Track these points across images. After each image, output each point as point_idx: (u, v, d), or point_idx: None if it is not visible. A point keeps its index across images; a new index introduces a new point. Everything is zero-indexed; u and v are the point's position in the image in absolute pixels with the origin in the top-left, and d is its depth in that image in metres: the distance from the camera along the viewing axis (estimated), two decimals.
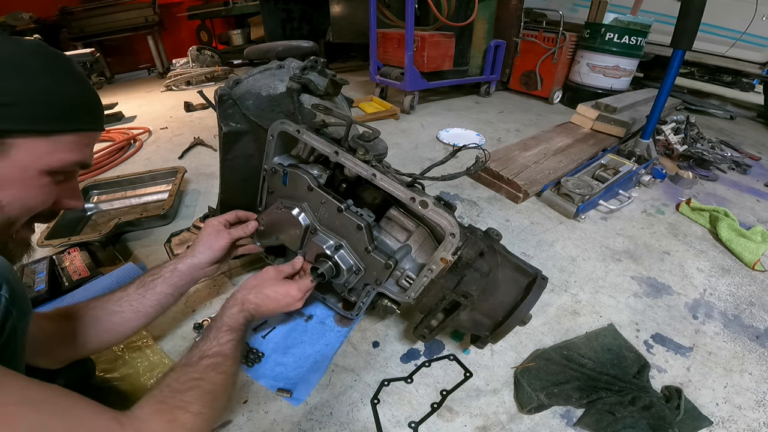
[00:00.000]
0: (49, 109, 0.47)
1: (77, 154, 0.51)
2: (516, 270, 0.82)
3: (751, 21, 3.03)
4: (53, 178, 0.50)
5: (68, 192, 0.55)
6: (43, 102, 0.46)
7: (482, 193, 1.69)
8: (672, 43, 1.60)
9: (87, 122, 0.52)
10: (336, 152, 0.77)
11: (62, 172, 0.51)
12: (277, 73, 0.93)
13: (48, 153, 0.48)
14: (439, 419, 0.79)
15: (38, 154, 0.47)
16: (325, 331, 0.97)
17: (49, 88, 0.47)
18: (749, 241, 1.32)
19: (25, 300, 0.48)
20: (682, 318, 1.07)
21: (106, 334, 0.70)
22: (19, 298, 0.46)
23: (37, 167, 0.47)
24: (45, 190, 0.50)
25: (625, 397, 0.81)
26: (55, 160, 0.49)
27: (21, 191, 0.47)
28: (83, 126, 0.51)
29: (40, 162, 0.47)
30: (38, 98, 0.46)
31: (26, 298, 0.48)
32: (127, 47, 4.72)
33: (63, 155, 0.49)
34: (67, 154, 0.50)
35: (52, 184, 0.51)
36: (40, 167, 0.48)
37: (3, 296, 0.44)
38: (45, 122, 0.46)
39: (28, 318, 0.48)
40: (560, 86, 3.16)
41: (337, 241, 0.83)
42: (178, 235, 1.30)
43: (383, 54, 2.80)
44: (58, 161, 0.49)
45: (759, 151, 2.41)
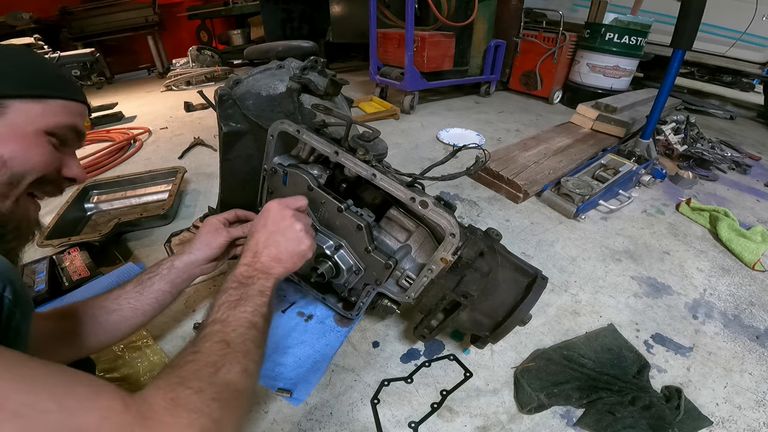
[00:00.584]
0: (35, 78, 0.53)
1: (69, 118, 0.56)
2: (516, 270, 0.83)
3: (751, 21, 3.03)
4: (51, 139, 0.54)
5: (69, 161, 0.59)
6: (27, 73, 0.53)
7: (482, 193, 1.69)
8: (672, 43, 1.60)
9: (70, 92, 0.57)
10: (336, 152, 0.77)
11: (59, 135, 0.55)
12: (277, 73, 0.93)
13: (41, 114, 0.53)
14: (439, 419, 0.79)
15: (33, 115, 0.52)
16: (325, 331, 0.97)
17: (29, 63, 0.54)
18: (749, 241, 1.32)
19: (28, 301, 0.48)
20: (682, 318, 1.07)
21: (105, 334, 0.70)
22: (22, 299, 0.46)
23: (34, 125, 0.52)
24: (46, 149, 0.54)
25: (625, 397, 0.81)
26: (50, 121, 0.54)
27: (21, 147, 0.51)
28: (68, 94, 0.56)
29: (36, 122, 0.52)
30: (23, 69, 0.53)
31: (29, 299, 0.48)
32: (127, 47, 4.72)
33: (56, 118, 0.54)
34: (60, 117, 0.55)
35: (50, 146, 0.54)
36: (37, 126, 0.52)
37: (7, 297, 0.44)
38: (33, 87, 0.52)
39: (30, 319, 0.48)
40: (560, 86, 3.16)
41: (337, 241, 0.83)
42: (178, 235, 1.30)
43: (383, 54, 2.81)
44: (53, 122, 0.54)
45: (759, 151, 2.41)
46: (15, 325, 0.45)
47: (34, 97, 0.52)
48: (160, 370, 0.48)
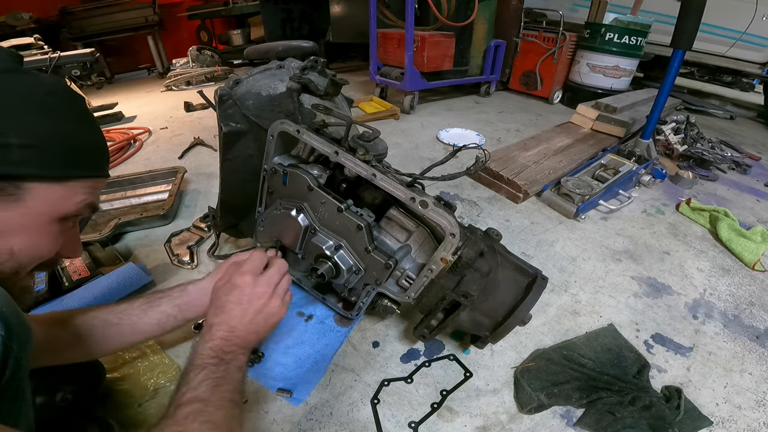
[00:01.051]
0: (67, 155, 0.45)
1: (89, 198, 0.50)
2: (516, 270, 0.83)
3: (751, 21, 3.03)
4: (63, 225, 0.49)
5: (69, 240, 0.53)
6: (62, 146, 0.44)
7: (482, 193, 1.69)
8: (672, 43, 1.60)
9: (101, 168, 0.52)
10: (336, 152, 0.77)
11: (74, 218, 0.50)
12: (277, 73, 0.93)
13: (62, 199, 0.46)
14: (439, 419, 0.79)
15: (54, 200, 0.45)
16: (325, 331, 0.97)
17: (69, 132, 0.45)
18: (749, 241, 1.32)
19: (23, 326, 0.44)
20: (682, 318, 1.07)
21: (97, 346, 0.67)
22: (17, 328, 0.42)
23: (51, 214, 0.46)
24: (54, 237, 0.48)
25: (625, 397, 0.81)
26: (70, 206, 0.47)
27: (33, 238, 0.46)
28: (97, 172, 0.51)
29: (55, 208, 0.46)
30: (58, 142, 0.44)
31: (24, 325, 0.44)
32: (127, 47, 4.72)
33: (76, 201, 0.48)
34: (80, 198, 0.48)
35: (60, 232, 0.49)
36: (55, 214, 0.46)
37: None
38: (62, 168, 0.45)
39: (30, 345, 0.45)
40: (560, 86, 3.16)
41: (336, 241, 0.83)
42: (178, 235, 1.30)
43: (383, 54, 2.80)
44: (73, 206, 0.48)
45: (759, 151, 2.41)
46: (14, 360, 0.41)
47: (60, 178, 0.45)
48: None
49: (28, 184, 0.42)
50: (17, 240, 0.44)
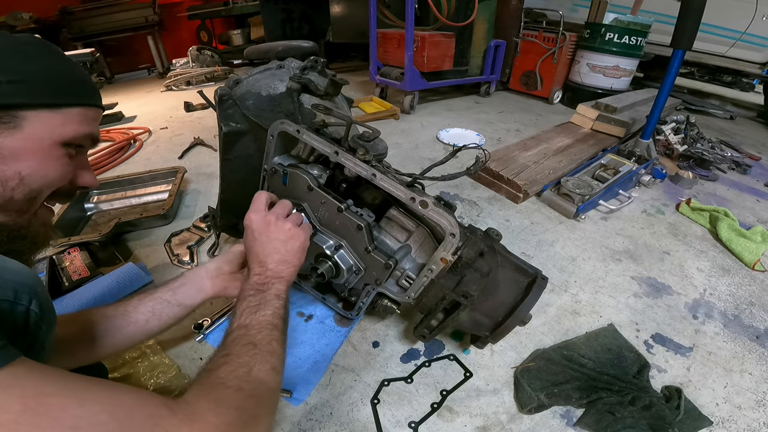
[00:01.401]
0: (54, 85, 0.49)
1: (87, 127, 0.53)
2: (516, 270, 0.83)
3: (751, 21, 3.03)
4: (67, 150, 0.52)
5: (82, 169, 0.57)
6: (47, 79, 0.49)
7: (482, 193, 1.69)
8: (672, 43, 1.60)
9: (89, 97, 0.55)
10: (336, 152, 0.77)
11: (75, 145, 0.53)
12: (277, 73, 0.93)
13: (60, 125, 0.50)
14: (439, 419, 0.79)
15: (51, 126, 0.49)
16: (325, 331, 0.97)
17: (51, 67, 0.50)
18: (749, 241, 1.32)
19: (52, 312, 0.47)
20: (682, 318, 1.07)
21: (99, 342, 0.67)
22: (48, 311, 0.45)
23: (51, 138, 0.49)
24: (62, 161, 0.51)
25: (625, 397, 0.81)
26: (68, 131, 0.51)
27: (39, 162, 0.49)
28: (87, 101, 0.54)
29: (54, 133, 0.49)
30: (43, 76, 0.48)
31: (53, 310, 0.47)
32: (127, 47, 4.72)
33: (74, 126, 0.51)
34: (78, 126, 0.52)
35: (67, 157, 0.52)
36: (55, 138, 0.49)
37: (33, 311, 0.43)
38: (53, 96, 0.49)
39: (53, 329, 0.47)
40: (560, 86, 3.16)
41: (336, 241, 0.83)
42: (178, 235, 1.30)
43: (383, 54, 2.80)
44: (71, 132, 0.51)
45: (759, 151, 2.41)
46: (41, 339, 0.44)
47: (53, 106, 0.49)
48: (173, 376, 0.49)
49: (22, 112, 0.46)
50: (24, 164, 0.47)
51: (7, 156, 0.46)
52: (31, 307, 0.43)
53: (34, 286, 0.44)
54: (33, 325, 0.43)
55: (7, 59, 0.46)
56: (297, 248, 0.71)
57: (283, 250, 0.70)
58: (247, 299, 0.63)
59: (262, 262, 0.68)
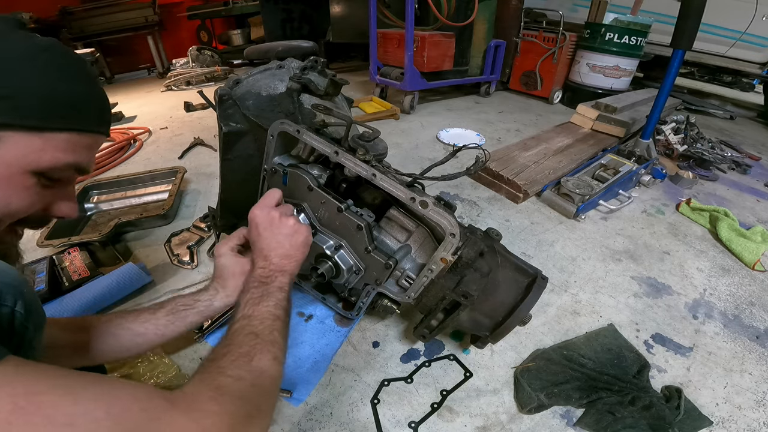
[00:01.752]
0: (46, 105, 0.43)
1: (71, 156, 0.46)
2: (516, 270, 0.83)
3: (751, 21, 3.03)
4: (40, 179, 0.45)
5: (62, 197, 0.51)
6: (41, 96, 0.42)
7: (482, 193, 1.69)
8: (672, 43, 1.60)
9: (88, 123, 0.48)
10: (336, 152, 0.77)
11: (52, 175, 0.46)
12: (277, 73, 0.93)
13: (37, 151, 0.43)
14: (439, 419, 0.79)
15: (26, 152, 0.42)
16: (325, 331, 0.97)
17: (52, 85, 0.43)
18: (749, 241, 1.32)
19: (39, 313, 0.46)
20: (682, 318, 1.07)
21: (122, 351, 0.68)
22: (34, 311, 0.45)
23: (22, 165, 0.43)
24: (30, 192, 0.45)
25: (625, 397, 0.81)
26: (45, 160, 0.44)
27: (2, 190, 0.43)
28: (83, 126, 0.47)
29: (26, 160, 0.43)
30: (37, 92, 0.42)
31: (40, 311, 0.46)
32: (127, 47, 4.72)
33: (54, 155, 0.44)
34: (60, 153, 0.45)
35: (38, 187, 0.46)
36: (26, 166, 0.43)
37: (18, 312, 0.42)
38: (39, 118, 0.42)
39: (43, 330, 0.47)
40: (560, 86, 3.16)
41: (337, 241, 0.83)
42: (178, 235, 1.30)
43: (383, 54, 2.80)
44: (48, 161, 0.44)
45: (759, 151, 2.41)
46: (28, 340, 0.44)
47: (35, 128, 0.42)
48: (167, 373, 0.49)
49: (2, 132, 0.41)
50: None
51: None
52: (16, 308, 0.42)
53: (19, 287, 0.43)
54: (19, 325, 0.42)
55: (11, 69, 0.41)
56: (300, 243, 0.72)
57: (287, 245, 0.70)
58: (251, 291, 0.63)
59: (266, 256, 0.68)
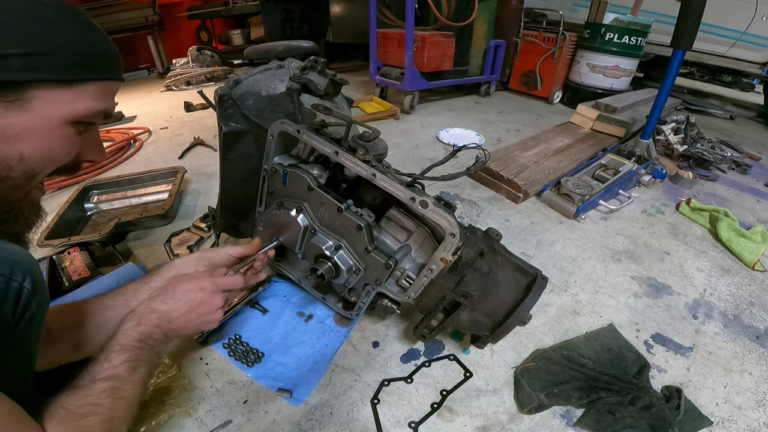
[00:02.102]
0: (73, 59, 0.46)
1: (101, 103, 0.50)
2: (516, 270, 0.83)
3: (751, 21, 3.03)
4: (77, 128, 0.49)
5: (90, 143, 0.54)
6: (67, 51, 0.45)
7: (482, 193, 1.68)
8: (672, 43, 1.60)
9: (110, 71, 0.51)
10: (336, 152, 0.77)
11: (86, 122, 0.50)
12: (277, 73, 0.93)
13: (71, 102, 0.47)
14: (439, 419, 0.79)
15: (61, 104, 0.46)
16: (325, 331, 0.97)
17: (72, 38, 0.46)
18: (749, 241, 1.32)
19: (45, 292, 0.48)
20: (682, 318, 1.07)
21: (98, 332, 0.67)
22: (40, 289, 0.47)
23: (60, 117, 0.46)
24: (69, 140, 0.49)
25: (625, 397, 0.81)
26: (80, 109, 0.48)
27: (44, 142, 0.46)
28: (107, 75, 0.51)
29: (63, 111, 0.46)
30: (63, 48, 0.45)
31: (46, 290, 0.49)
32: (127, 47, 4.70)
33: (87, 104, 0.48)
34: (92, 102, 0.49)
35: (75, 135, 0.50)
36: (64, 117, 0.47)
37: (26, 288, 0.45)
38: (69, 71, 0.46)
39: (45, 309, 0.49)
40: (560, 86, 3.16)
41: (336, 241, 0.83)
42: (178, 235, 1.30)
43: (383, 54, 2.80)
44: (83, 110, 0.48)
45: (759, 151, 2.41)
46: (29, 316, 0.46)
47: (67, 82, 0.46)
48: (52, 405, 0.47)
49: (32, 89, 0.43)
50: (26, 145, 0.45)
51: (9, 136, 0.44)
52: (24, 284, 0.45)
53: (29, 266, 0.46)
54: (24, 300, 0.45)
55: (23, 27, 0.42)
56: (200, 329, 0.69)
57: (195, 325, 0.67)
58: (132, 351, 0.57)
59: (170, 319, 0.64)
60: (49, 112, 0.45)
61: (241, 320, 0.98)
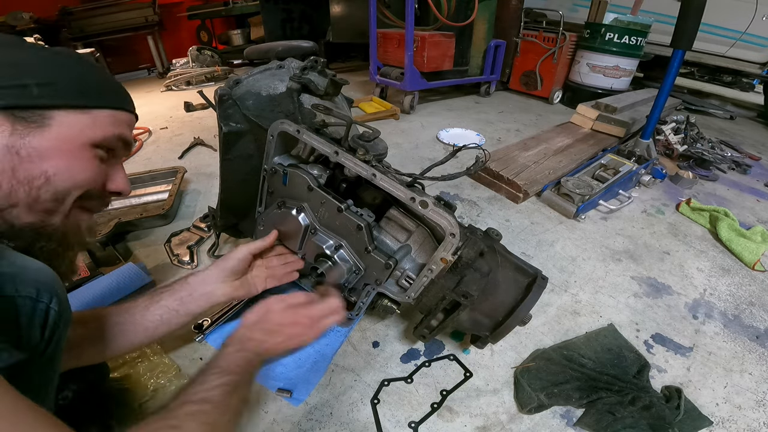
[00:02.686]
0: (83, 88, 0.50)
1: (118, 129, 0.54)
2: (516, 270, 0.83)
3: (751, 21, 3.03)
4: (97, 152, 0.52)
5: (114, 174, 0.57)
6: (77, 82, 0.50)
7: (482, 193, 1.68)
8: (672, 43, 1.60)
9: (119, 102, 0.55)
10: (336, 152, 0.77)
11: (106, 147, 0.53)
12: (277, 73, 0.93)
13: (88, 126, 0.50)
14: (439, 419, 0.79)
15: (80, 127, 0.49)
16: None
17: (81, 73, 0.51)
18: (749, 241, 1.32)
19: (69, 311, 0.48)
20: (682, 318, 1.07)
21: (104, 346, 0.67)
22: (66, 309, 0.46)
23: (80, 139, 0.49)
24: (91, 163, 0.51)
25: (625, 397, 0.81)
26: (98, 133, 0.51)
27: (67, 162, 0.48)
28: (118, 104, 0.54)
29: (83, 134, 0.50)
30: (73, 79, 0.49)
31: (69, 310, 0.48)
32: (127, 47, 4.71)
33: (104, 129, 0.52)
34: (108, 127, 0.52)
35: (97, 160, 0.52)
36: (84, 139, 0.50)
37: (53, 309, 0.44)
38: (82, 98, 0.50)
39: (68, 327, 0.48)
40: (560, 86, 3.16)
41: (336, 241, 0.83)
42: (178, 235, 1.30)
43: (383, 54, 2.80)
44: (101, 133, 0.51)
45: (759, 151, 2.41)
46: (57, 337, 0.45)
47: (82, 107, 0.49)
48: None
49: (51, 112, 0.47)
50: (50, 164, 0.47)
51: (33, 155, 0.46)
52: (51, 305, 0.43)
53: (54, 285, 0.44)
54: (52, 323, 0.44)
55: (38, 66, 0.47)
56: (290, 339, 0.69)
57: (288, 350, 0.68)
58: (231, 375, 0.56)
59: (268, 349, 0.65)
60: (69, 133, 0.48)
61: None
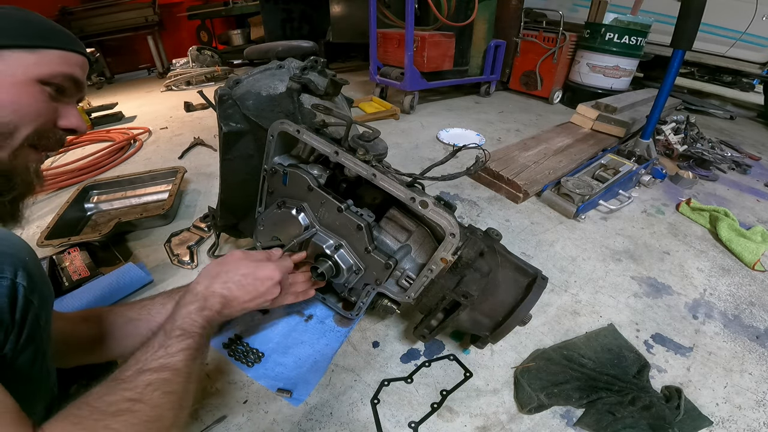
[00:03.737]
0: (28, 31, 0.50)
1: (66, 68, 0.53)
2: (516, 270, 0.83)
3: (751, 21, 3.03)
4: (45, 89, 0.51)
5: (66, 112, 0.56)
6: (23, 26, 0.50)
7: (482, 193, 1.68)
8: (672, 43, 1.60)
9: (66, 43, 0.54)
10: (336, 152, 0.77)
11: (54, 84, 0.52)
12: (277, 73, 0.93)
13: (34, 63, 0.50)
14: (439, 419, 0.79)
15: (25, 64, 0.49)
16: (325, 331, 0.97)
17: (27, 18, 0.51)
18: (749, 241, 1.32)
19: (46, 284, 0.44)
20: (682, 318, 1.07)
21: (117, 343, 0.67)
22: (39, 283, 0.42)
23: (24, 75, 0.49)
24: (38, 98, 0.51)
25: (625, 397, 0.81)
26: (44, 70, 0.51)
27: (10, 96, 0.48)
28: (66, 45, 0.54)
29: (28, 71, 0.49)
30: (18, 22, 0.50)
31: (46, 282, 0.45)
32: (127, 47, 4.72)
33: (51, 66, 0.51)
34: (55, 66, 0.52)
35: (45, 96, 0.52)
36: (29, 75, 0.50)
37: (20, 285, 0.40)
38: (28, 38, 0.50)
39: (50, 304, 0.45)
40: (560, 86, 3.16)
41: (337, 240, 0.83)
42: (178, 235, 1.30)
43: (383, 54, 2.80)
44: (48, 70, 0.51)
45: (759, 151, 2.41)
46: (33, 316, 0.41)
47: (28, 47, 0.50)
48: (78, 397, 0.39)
49: None
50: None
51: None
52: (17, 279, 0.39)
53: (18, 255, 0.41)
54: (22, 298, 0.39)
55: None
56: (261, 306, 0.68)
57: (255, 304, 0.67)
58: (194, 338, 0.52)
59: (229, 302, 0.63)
60: (13, 69, 0.48)
61: (241, 320, 0.98)
